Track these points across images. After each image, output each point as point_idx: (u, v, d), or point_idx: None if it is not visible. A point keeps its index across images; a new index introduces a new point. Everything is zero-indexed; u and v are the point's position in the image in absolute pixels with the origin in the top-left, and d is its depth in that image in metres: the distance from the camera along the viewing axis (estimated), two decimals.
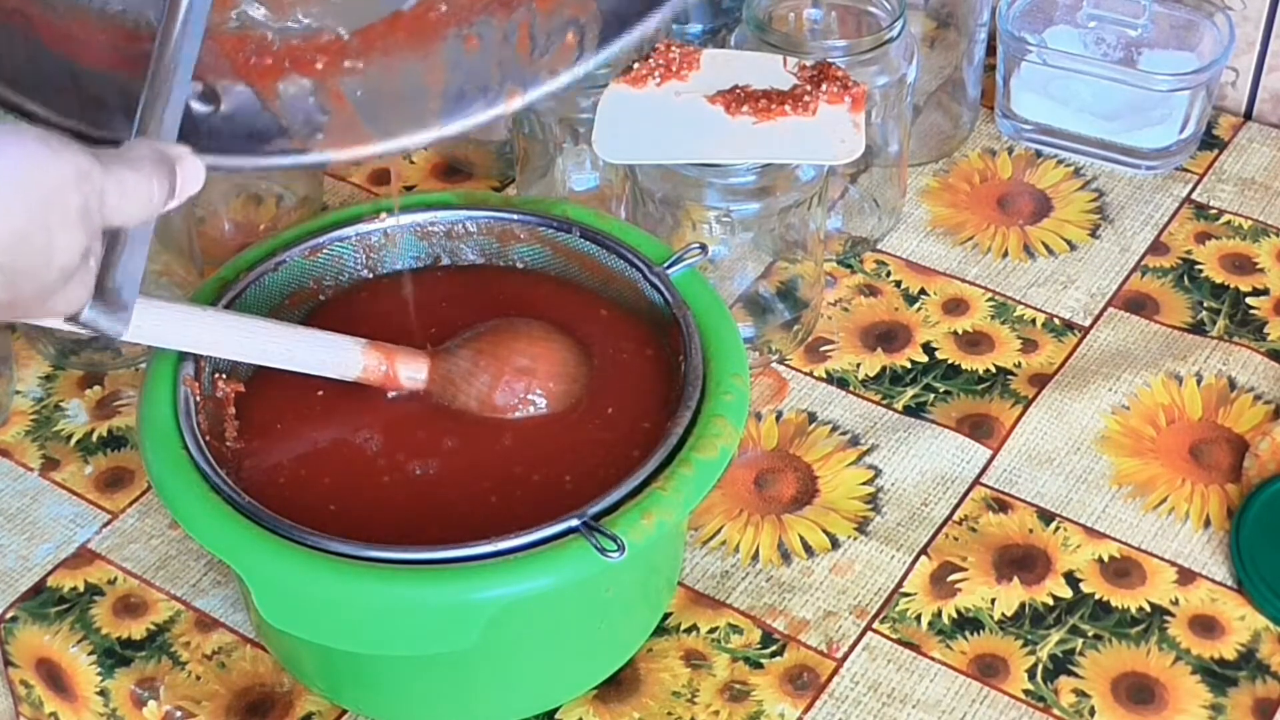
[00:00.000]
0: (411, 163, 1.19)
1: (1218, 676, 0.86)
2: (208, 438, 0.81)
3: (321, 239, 0.91)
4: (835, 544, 0.92)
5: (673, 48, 0.99)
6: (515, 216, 0.92)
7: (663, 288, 0.87)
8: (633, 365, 0.87)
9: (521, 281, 0.92)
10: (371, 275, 0.92)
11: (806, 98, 0.96)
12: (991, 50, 1.19)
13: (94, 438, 1.00)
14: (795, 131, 0.95)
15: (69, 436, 1.00)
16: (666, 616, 0.89)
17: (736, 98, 0.96)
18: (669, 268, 0.88)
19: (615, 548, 0.74)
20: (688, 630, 0.88)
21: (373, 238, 0.91)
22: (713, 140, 0.95)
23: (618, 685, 0.86)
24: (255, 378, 0.86)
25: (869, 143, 0.97)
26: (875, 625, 0.89)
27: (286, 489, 0.82)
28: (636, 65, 0.98)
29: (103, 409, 1.01)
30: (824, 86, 0.96)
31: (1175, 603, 0.89)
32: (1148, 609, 0.89)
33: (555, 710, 0.85)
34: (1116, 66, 1.15)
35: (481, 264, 0.93)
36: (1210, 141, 1.19)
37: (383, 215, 0.92)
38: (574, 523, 0.75)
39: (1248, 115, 1.22)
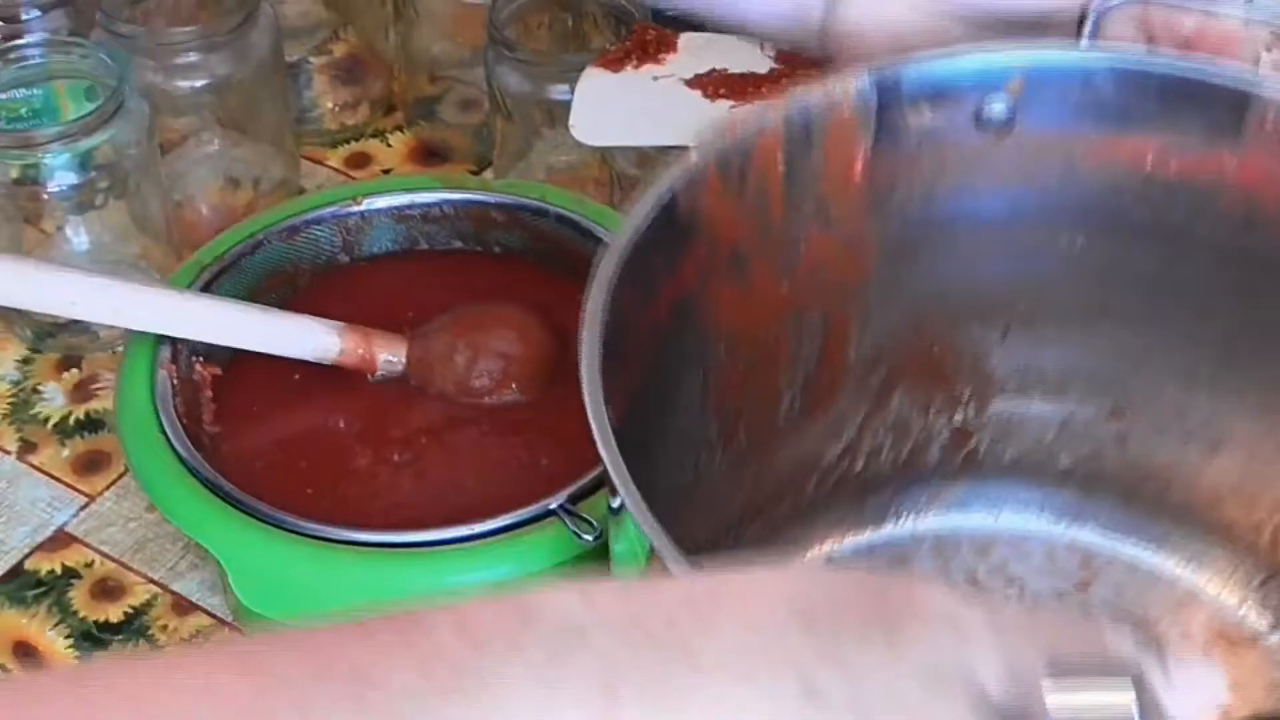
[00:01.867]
0: (389, 146, 1.19)
1: None
2: (185, 421, 0.82)
3: (298, 221, 0.92)
4: None
5: (650, 31, 1.00)
6: (492, 200, 0.93)
7: None
8: None
9: (499, 266, 0.93)
10: (349, 259, 0.94)
11: (784, 81, 0.95)
12: None
13: (71, 421, 1.00)
14: None
15: (46, 419, 1.00)
16: None
17: (714, 81, 0.97)
18: None
19: (592, 530, 0.75)
20: None
21: (350, 220, 0.93)
22: (691, 123, 0.93)
23: None
24: (233, 361, 0.87)
25: None
26: None
27: (264, 472, 0.83)
28: (613, 48, 0.99)
29: (80, 392, 1.01)
30: (801, 70, 0.96)
31: None
32: None
33: None
34: None
35: (459, 248, 0.94)
36: None
37: (359, 198, 0.93)
38: (551, 505, 0.76)
39: None
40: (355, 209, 0.93)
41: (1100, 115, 0.73)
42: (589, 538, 0.74)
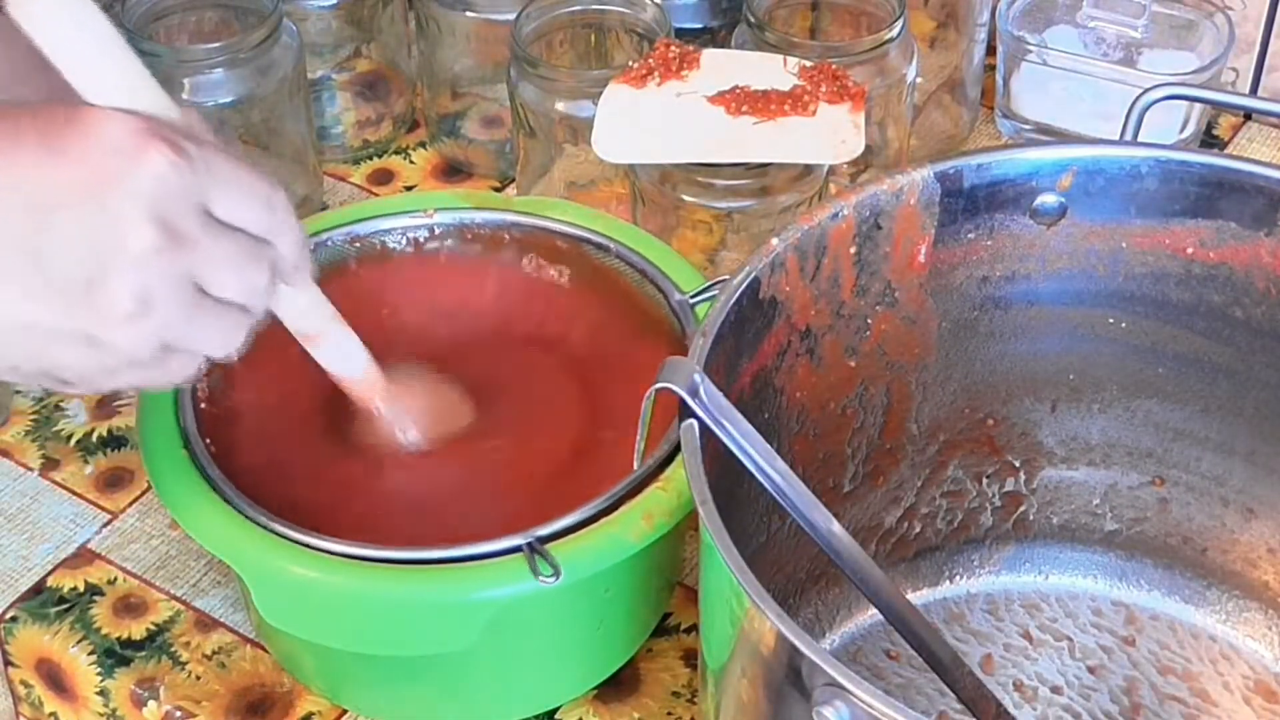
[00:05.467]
0: (411, 162, 1.26)
1: None
2: (207, 438, 0.87)
3: (361, 228, 0.98)
4: None
5: (672, 47, 1.06)
6: (555, 227, 0.99)
7: (682, 316, 0.93)
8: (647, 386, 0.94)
9: (549, 292, 0.99)
10: (405, 269, 0.99)
11: (806, 98, 1.02)
12: (991, 50, 1.26)
13: (94, 437, 1.06)
14: (795, 131, 1.01)
15: (69, 436, 1.06)
16: (666, 616, 0.94)
17: (737, 98, 1.03)
18: (694, 297, 0.94)
19: (550, 572, 0.80)
20: (688, 630, 0.94)
21: (417, 233, 0.99)
22: (713, 140, 1.01)
23: (618, 685, 0.91)
24: (256, 379, 0.92)
25: (869, 143, 1.03)
26: None
27: (287, 489, 0.88)
28: (636, 65, 1.05)
29: (103, 409, 1.07)
30: (824, 87, 1.03)
31: None
32: None
33: (555, 710, 0.90)
34: (1116, 66, 1.21)
35: (513, 270, 1.00)
36: (1210, 141, 1.26)
37: (430, 211, 0.99)
38: (519, 541, 0.81)
39: (1247, 115, 1.28)
40: (425, 221, 0.99)
41: (1145, 207, 0.83)
42: (546, 577, 0.80)
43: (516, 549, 0.81)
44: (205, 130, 0.76)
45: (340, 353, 0.88)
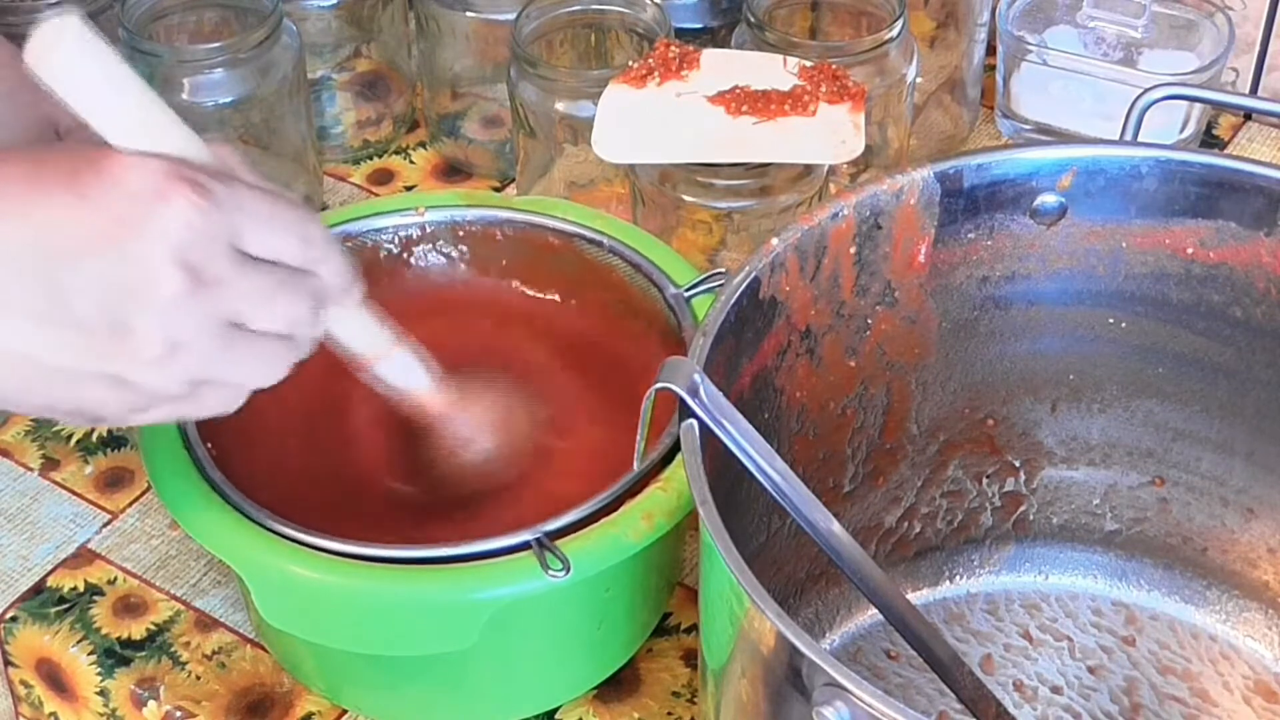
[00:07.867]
0: (411, 163, 1.27)
1: None
2: (207, 438, 0.87)
3: (352, 228, 0.98)
4: None
5: (672, 47, 1.06)
6: (550, 224, 0.99)
7: (678, 311, 0.94)
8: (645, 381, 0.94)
9: (548, 285, 1.00)
10: (399, 269, 1.00)
11: (806, 98, 1.03)
12: (991, 50, 1.27)
13: (94, 437, 1.06)
14: (795, 131, 1.01)
15: (69, 436, 1.06)
16: (666, 616, 0.95)
17: (737, 98, 1.03)
18: (689, 290, 0.94)
19: (560, 567, 0.80)
20: (688, 630, 0.94)
21: (407, 232, 0.99)
22: (713, 140, 1.01)
23: (618, 685, 0.92)
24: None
25: (869, 143, 1.03)
26: None
27: (287, 489, 0.88)
28: (636, 65, 1.06)
29: None
30: (824, 87, 1.03)
31: None
32: None
33: (555, 710, 0.91)
34: (1116, 66, 1.22)
35: (506, 269, 1.00)
36: (1210, 141, 1.27)
37: (421, 209, 0.99)
38: (527, 538, 0.81)
39: (1247, 115, 1.29)
40: (415, 220, 0.99)
41: (1145, 207, 0.84)
42: (556, 572, 0.80)
43: (520, 546, 0.82)
44: (238, 165, 0.76)
45: (402, 371, 0.87)
